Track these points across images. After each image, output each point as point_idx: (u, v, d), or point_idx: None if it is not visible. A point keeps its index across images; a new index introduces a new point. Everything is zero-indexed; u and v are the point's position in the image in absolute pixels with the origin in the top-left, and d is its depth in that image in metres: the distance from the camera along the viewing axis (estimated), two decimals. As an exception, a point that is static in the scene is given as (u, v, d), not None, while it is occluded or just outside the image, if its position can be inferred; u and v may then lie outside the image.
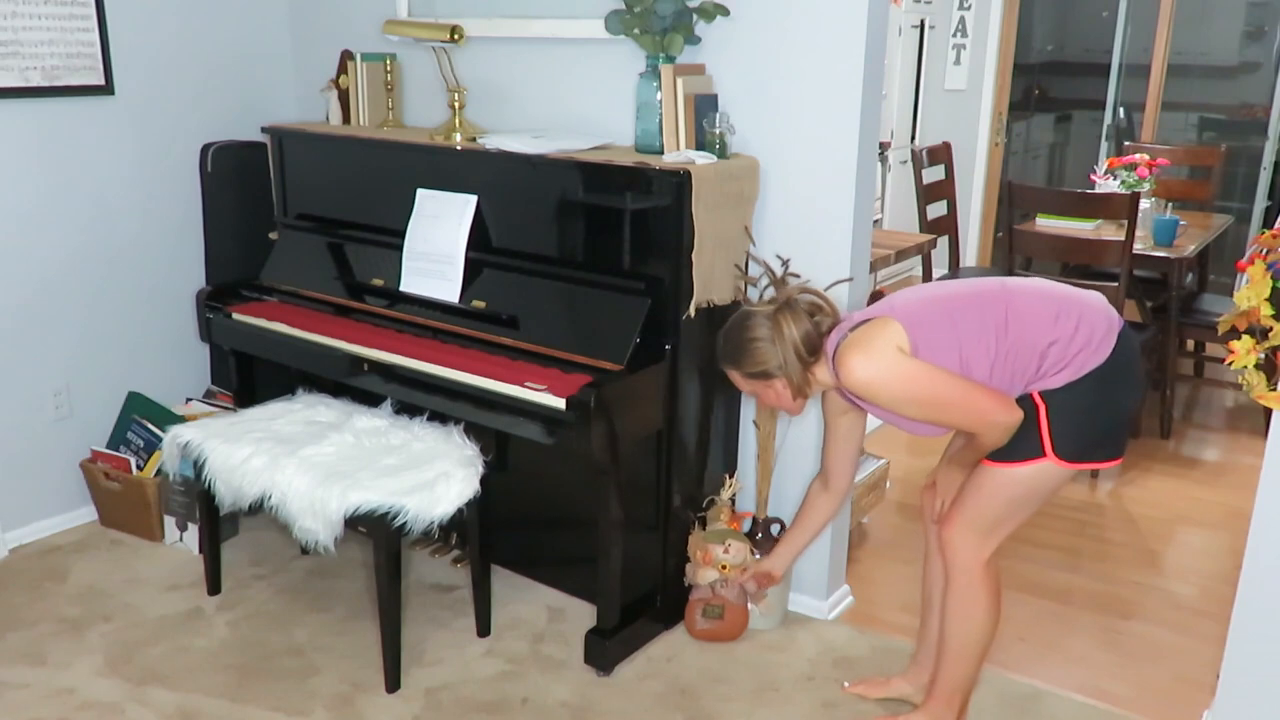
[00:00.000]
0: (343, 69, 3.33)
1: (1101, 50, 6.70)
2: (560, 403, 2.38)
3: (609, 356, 2.49)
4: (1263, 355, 2.06)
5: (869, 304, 3.03)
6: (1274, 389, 2.04)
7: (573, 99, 2.99)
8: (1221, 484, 3.87)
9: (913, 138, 6.52)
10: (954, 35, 6.50)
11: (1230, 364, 2.09)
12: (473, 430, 2.71)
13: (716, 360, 2.28)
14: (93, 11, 3.11)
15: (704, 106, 2.65)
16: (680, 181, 2.44)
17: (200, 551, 3.08)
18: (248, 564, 3.12)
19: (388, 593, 2.50)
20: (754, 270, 2.73)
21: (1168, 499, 3.74)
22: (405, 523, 2.41)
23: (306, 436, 2.70)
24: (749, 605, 2.80)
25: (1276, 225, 2.19)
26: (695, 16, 2.65)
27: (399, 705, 2.50)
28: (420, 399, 2.70)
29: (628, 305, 2.54)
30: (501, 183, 2.78)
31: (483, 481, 2.56)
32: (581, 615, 2.86)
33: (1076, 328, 2.07)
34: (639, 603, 2.75)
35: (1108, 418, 2.13)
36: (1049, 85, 7.40)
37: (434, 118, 3.27)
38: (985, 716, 2.50)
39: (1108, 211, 4.04)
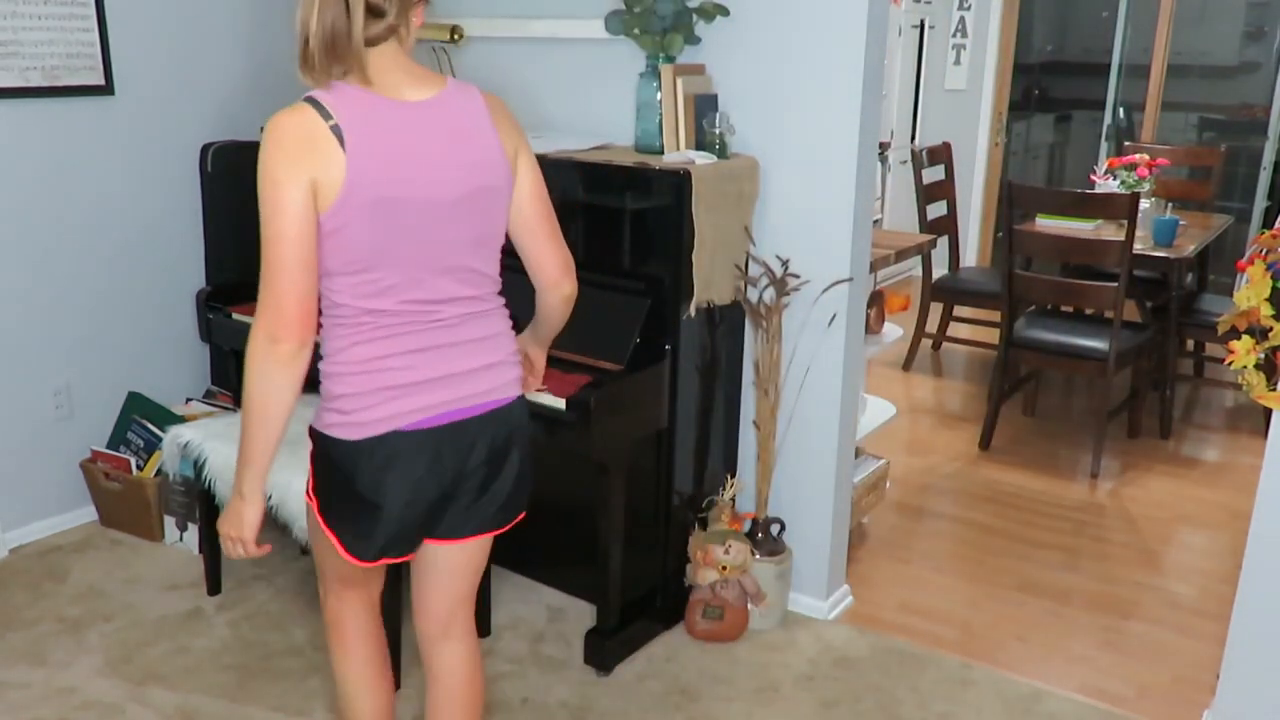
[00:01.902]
0: (343, 69, 3.33)
1: (1101, 50, 6.69)
2: (560, 403, 2.38)
3: (609, 356, 2.49)
4: (1263, 355, 2.06)
5: (869, 305, 3.04)
6: (1274, 389, 2.04)
7: (572, 99, 2.99)
8: (1221, 484, 3.87)
9: (913, 138, 6.52)
10: (954, 35, 6.50)
11: (1230, 364, 2.09)
12: (473, 430, 2.71)
13: None
14: (93, 11, 3.11)
15: (704, 106, 2.65)
16: (680, 181, 2.44)
17: (200, 551, 3.08)
18: (248, 564, 3.12)
19: (388, 593, 2.49)
20: (754, 270, 2.73)
21: (1168, 499, 3.74)
22: (405, 523, 2.41)
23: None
24: (749, 605, 2.80)
25: (1276, 225, 2.19)
26: (695, 16, 2.65)
27: (399, 705, 2.50)
28: (420, 399, 2.69)
29: (628, 305, 2.54)
30: (501, 183, 2.77)
31: (483, 481, 2.56)
32: (581, 615, 2.87)
33: (356, 348, 1.63)
34: (639, 603, 2.75)
35: (351, 505, 1.70)
36: (1049, 85, 7.40)
37: (434, 118, 3.27)
38: (985, 716, 2.50)
39: (1108, 211, 4.04)
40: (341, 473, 1.68)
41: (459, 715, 1.92)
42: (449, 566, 1.86)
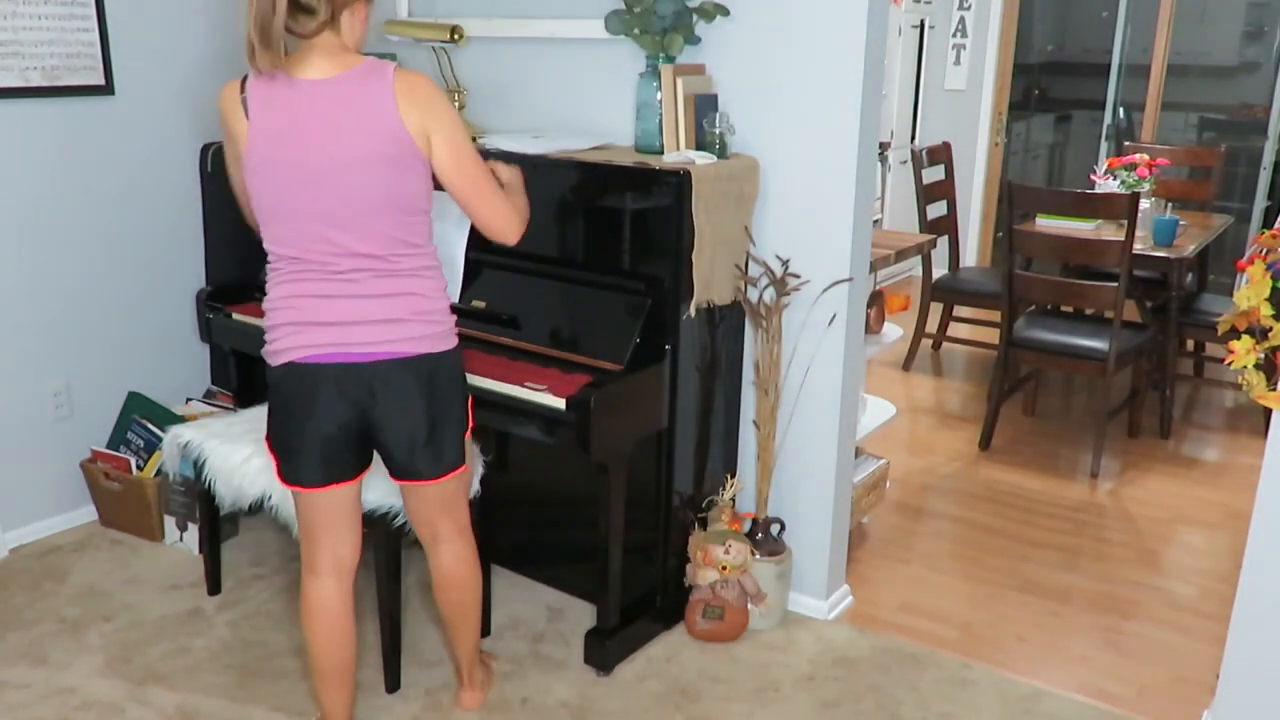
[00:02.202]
0: (343, 69, 3.33)
1: (1101, 50, 6.70)
2: (560, 403, 2.38)
3: (609, 356, 2.49)
4: (1262, 355, 2.06)
5: (869, 305, 3.04)
6: (1274, 389, 2.04)
7: (573, 99, 2.99)
8: (1221, 484, 3.87)
9: (913, 138, 6.52)
10: (954, 35, 6.50)
11: (1230, 364, 2.09)
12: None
13: None
14: (93, 11, 3.11)
15: (704, 106, 2.65)
16: (680, 181, 2.44)
17: (200, 551, 3.08)
18: (248, 564, 3.12)
19: (388, 593, 2.50)
20: (754, 270, 2.73)
21: (1168, 499, 3.74)
22: (405, 523, 2.41)
23: (306, 436, 2.70)
24: (749, 605, 2.80)
25: (1276, 225, 2.19)
26: (695, 16, 2.65)
27: (399, 705, 2.50)
28: (420, 399, 2.69)
29: (628, 305, 2.54)
30: (501, 183, 2.77)
31: (483, 481, 2.56)
32: (581, 615, 2.87)
33: (278, 287, 2.00)
34: (639, 603, 2.75)
35: (280, 428, 2.06)
36: (1049, 85, 7.40)
37: (434, 118, 3.27)
38: (985, 716, 2.50)
39: (1108, 211, 4.04)
40: (271, 394, 2.03)
41: (450, 599, 2.32)
42: (412, 495, 2.19)
